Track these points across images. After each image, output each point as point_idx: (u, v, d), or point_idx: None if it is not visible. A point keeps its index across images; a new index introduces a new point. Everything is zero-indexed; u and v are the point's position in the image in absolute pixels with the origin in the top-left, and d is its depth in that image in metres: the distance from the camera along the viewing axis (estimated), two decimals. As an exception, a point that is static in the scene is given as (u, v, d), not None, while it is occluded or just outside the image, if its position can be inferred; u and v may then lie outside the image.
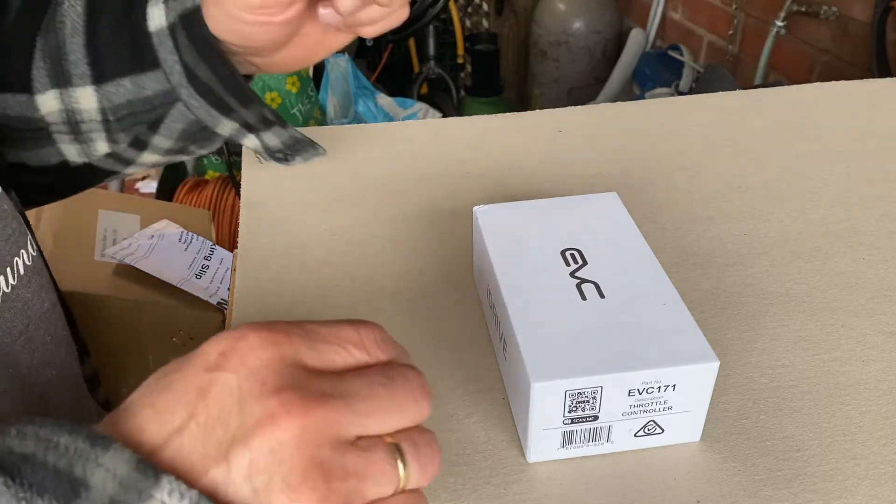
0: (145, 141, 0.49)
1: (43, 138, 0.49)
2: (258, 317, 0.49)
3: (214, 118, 0.47)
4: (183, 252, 1.13)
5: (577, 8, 2.41)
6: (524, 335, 0.38)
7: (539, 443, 0.38)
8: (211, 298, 1.08)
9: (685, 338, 0.38)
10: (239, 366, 0.27)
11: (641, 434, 0.39)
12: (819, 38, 1.71)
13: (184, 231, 1.16)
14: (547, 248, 0.44)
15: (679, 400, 0.38)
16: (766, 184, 0.61)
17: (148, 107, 0.47)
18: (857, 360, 0.46)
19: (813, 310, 0.49)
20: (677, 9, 2.30)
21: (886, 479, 0.39)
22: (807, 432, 0.41)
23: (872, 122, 0.69)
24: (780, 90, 0.76)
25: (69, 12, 0.46)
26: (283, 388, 0.26)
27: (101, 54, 0.46)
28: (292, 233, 0.57)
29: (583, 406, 0.37)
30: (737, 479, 0.39)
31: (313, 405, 0.26)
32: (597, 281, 0.41)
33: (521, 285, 0.42)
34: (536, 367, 0.37)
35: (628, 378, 0.36)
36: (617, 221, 0.46)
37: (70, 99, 0.47)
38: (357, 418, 0.27)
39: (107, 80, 0.46)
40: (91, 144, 0.49)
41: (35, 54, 0.46)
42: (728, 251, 0.54)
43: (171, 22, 0.44)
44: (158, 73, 0.46)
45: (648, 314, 0.39)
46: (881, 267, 0.53)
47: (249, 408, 0.26)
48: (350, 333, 0.29)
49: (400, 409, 0.28)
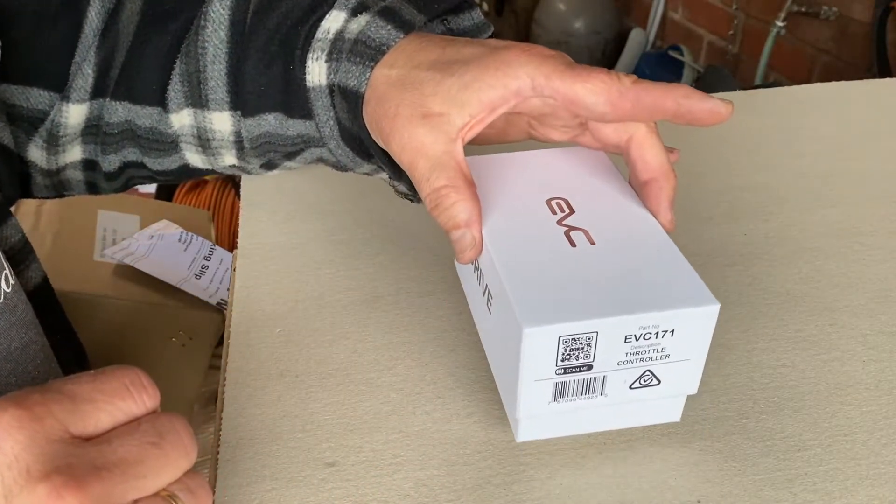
0: (276, 164, 0.49)
1: (170, 149, 0.49)
2: (259, 317, 0.49)
3: (356, 163, 0.46)
4: (182, 252, 1.13)
5: (578, 8, 2.41)
6: (512, 281, 0.35)
7: (529, 396, 0.36)
8: (210, 299, 1.08)
9: (683, 282, 0.36)
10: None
11: (637, 386, 0.37)
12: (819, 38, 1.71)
13: (183, 231, 1.16)
14: (531, 197, 0.41)
15: (677, 347, 0.35)
16: (766, 184, 0.61)
17: (288, 143, 0.46)
18: (858, 360, 0.46)
19: (813, 310, 0.49)
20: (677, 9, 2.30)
21: (887, 480, 0.39)
22: (807, 432, 0.41)
23: (872, 122, 0.69)
24: (780, 90, 0.76)
25: (212, 38, 0.45)
26: (50, 472, 0.25)
27: (245, 88, 0.44)
28: (292, 233, 0.57)
29: (576, 354, 0.34)
30: (737, 479, 0.39)
31: (86, 481, 0.25)
32: (586, 228, 0.39)
33: (506, 233, 0.39)
34: (527, 312, 0.34)
35: (625, 322, 0.34)
36: (604, 173, 0.43)
37: (204, 119, 0.46)
38: (133, 483, 0.27)
39: (248, 114, 0.45)
40: (218, 157, 0.49)
41: (173, 76, 0.46)
42: (728, 251, 0.54)
43: (331, 83, 0.42)
44: (310, 123, 0.44)
45: (643, 260, 0.37)
46: (882, 267, 0.52)
47: (17, 499, 0.25)
48: (112, 385, 0.29)
49: (173, 464, 0.28)
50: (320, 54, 0.42)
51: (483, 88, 0.37)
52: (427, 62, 0.38)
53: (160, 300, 1.05)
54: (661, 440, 0.41)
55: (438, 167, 0.37)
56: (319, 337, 0.48)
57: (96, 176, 0.52)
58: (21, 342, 0.42)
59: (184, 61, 0.46)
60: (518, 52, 0.37)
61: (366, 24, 0.40)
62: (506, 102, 0.37)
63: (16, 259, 0.46)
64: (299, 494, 0.38)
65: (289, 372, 0.45)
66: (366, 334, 0.48)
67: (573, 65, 0.37)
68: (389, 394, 0.44)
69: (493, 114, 0.37)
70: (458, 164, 0.37)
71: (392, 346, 0.47)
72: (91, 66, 0.47)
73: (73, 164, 0.50)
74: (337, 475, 0.39)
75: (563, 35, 2.40)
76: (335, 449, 0.41)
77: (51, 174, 0.50)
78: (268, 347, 0.47)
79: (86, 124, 0.48)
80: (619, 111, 0.37)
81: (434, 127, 0.37)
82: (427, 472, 0.39)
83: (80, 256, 1.08)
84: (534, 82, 0.36)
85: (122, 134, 0.49)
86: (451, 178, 0.37)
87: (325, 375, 0.45)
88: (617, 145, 0.40)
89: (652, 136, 0.39)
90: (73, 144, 0.49)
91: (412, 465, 0.40)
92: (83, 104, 0.47)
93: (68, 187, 0.53)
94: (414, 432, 0.42)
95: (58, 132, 0.48)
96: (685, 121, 0.37)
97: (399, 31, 0.40)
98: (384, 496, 0.38)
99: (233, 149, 0.48)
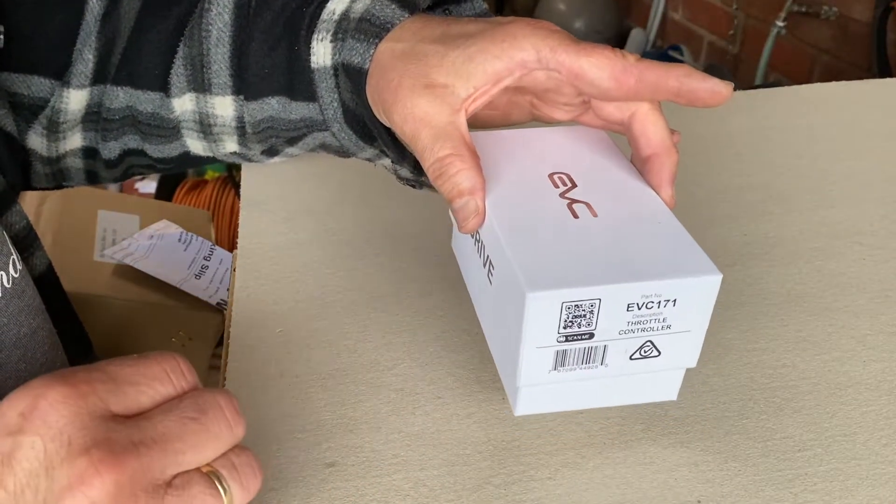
0: (278, 150, 0.49)
1: (172, 135, 0.49)
2: (258, 317, 0.49)
3: (360, 147, 0.46)
4: (182, 252, 1.13)
5: (578, 8, 2.41)
6: (515, 248, 0.35)
7: (530, 364, 0.35)
8: (210, 299, 1.08)
9: (685, 252, 0.36)
10: (41, 427, 0.26)
11: (637, 356, 0.36)
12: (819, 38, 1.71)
13: (183, 231, 1.16)
14: (533, 171, 0.41)
15: (679, 318, 0.35)
16: (766, 184, 0.61)
17: (291, 127, 0.46)
18: (858, 360, 0.46)
19: (813, 310, 0.49)
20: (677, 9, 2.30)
21: (887, 480, 0.39)
22: (808, 432, 0.41)
23: (872, 122, 0.69)
24: (780, 90, 0.76)
25: (216, 21, 0.45)
26: (90, 446, 0.26)
27: (249, 70, 0.44)
28: (292, 233, 0.57)
29: (579, 321, 0.34)
30: (737, 479, 0.39)
31: (124, 457, 0.26)
32: (588, 201, 0.39)
33: (508, 204, 0.39)
34: (531, 277, 0.34)
35: (628, 290, 0.34)
36: (606, 150, 0.44)
37: (206, 104, 0.46)
38: (173, 458, 0.27)
39: (251, 98, 0.45)
40: (220, 144, 0.49)
41: (175, 60, 0.46)
42: (728, 251, 0.54)
43: (336, 63, 0.42)
44: (313, 106, 0.44)
45: (645, 231, 0.37)
46: (882, 267, 0.52)
47: (58, 471, 0.25)
48: (154, 370, 0.29)
49: (214, 439, 0.28)
50: (325, 35, 0.42)
51: (488, 59, 0.37)
52: (432, 37, 0.39)
53: (160, 300, 1.04)
54: (661, 440, 0.41)
55: (442, 136, 0.37)
56: (319, 337, 0.48)
57: (96, 164, 0.52)
58: (30, 328, 0.42)
59: (187, 44, 0.46)
60: (523, 24, 0.37)
61: (371, 3, 0.41)
62: (511, 74, 0.37)
63: (21, 246, 0.46)
64: (299, 494, 0.38)
65: (289, 372, 0.45)
66: (366, 334, 0.48)
67: (578, 40, 0.37)
68: (389, 394, 0.44)
69: (498, 85, 0.38)
70: (462, 135, 0.37)
71: (392, 346, 0.47)
72: (92, 51, 0.46)
73: (73, 151, 0.50)
74: (337, 475, 0.39)
75: (563, 35, 2.40)
76: (335, 449, 0.41)
77: (50, 162, 0.50)
78: (268, 348, 0.47)
79: (86, 111, 0.48)
80: (622, 87, 0.37)
81: (438, 97, 0.37)
82: (427, 472, 0.39)
83: (80, 256, 1.08)
84: (539, 54, 0.37)
85: (123, 120, 0.49)
86: (455, 147, 0.37)
87: (325, 376, 0.45)
88: (620, 122, 0.40)
89: (655, 112, 0.39)
90: (74, 131, 0.49)
91: (412, 465, 0.40)
92: (84, 90, 0.47)
93: (68, 176, 0.53)
94: (414, 432, 0.42)
95: (58, 118, 0.48)
96: (686, 100, 0.37)
97: (404, 10, 0.40)
98: (384, 496, 0.38)
99: (234, 134, 0.48)
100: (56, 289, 0.50)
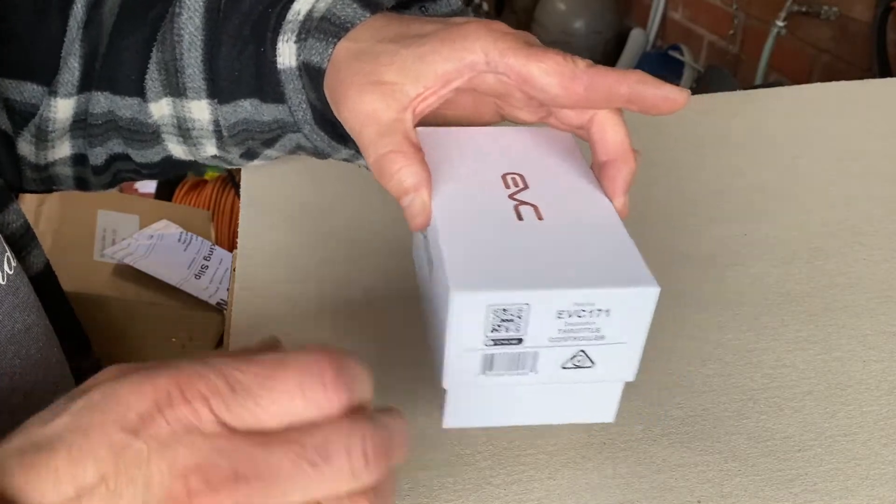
0: (256, 153, 0.49)
1: (152, 140, 0.48)
2: (258, 317, 0.49)
3: (334, 148, 0.46)
4: (182, 252, 1.13)
5: (578, 8, 2.41)
6: (449, 246, 0.34)
7: (457, 367, 0.34)
8: (210, 299, 1.08)
9: (624, 262, 0.34)
10: (151, 439, 0.25)
11: (570, 366, 0.35)
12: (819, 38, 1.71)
13: (183, 231, 1.16)
14: (487, 170, 0.40)
15: (613, 329, 0.34)
16: (766, 184, 0.61)
17: (265, 129, 0.46)
18: (858, 360, 0.46)
19: (813, 310, 0.49)
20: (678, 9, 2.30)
21: (887, 480, 0.39)
22: (808, 433, 0.41)
23: (872, 122, 0.69)
24: (780, 90, 0.76)
25: (187, 25, 0.45)
26: (190, 472, 0.24)
27: (220, 74, 0.44)
28: (292, 233, 0.57)
29: (507, 326, 0.33)
30: (737, 480, 0.39)
31: (219, 494, 0.24)
32: (536, 204, 0.38)
33: (454, 201, 0.38)
34: (458, 276, 0.32)
35: (559, 296, 0.32)
36: (567, 154, 0.42)
37: (183, 108, 0.46)
38: (273, 500, 0.25)
39: (225, 101, 0.45)
40: (200, 148, 0.48)
41: (150, 65, 0.46)
42: (728, 251, 0.54)
43: (300, 63, 0.42)
44: (283, 108, 0.44)
45: (588, 239, 0.36)
46: (882, 267, 0.52)
47: (154, 489, 0.24)
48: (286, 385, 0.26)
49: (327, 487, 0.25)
50: (290, 36, 0.42)
51: (438, 61, 0.36)
52: (388, 36, 0.38)
53: (160, 300, 1.05)
54: (662, 440, 0.41)
55: (386, 133, 0.37)
56: (319, 337, 0.48)
57: (85, 171, 0.52)
58: (24, 324, 0.42)
59: (160, 49, 0.46)
60: (476, 26, 0.37)
61: (332, 2, 0.41)
62: (460, 75, 0.37)
63: (18, 245, 0.46)
64: (299, 494, 0.38)
65: (289, 372, 0.45)
66: (365, 334, 0.48)
67: (531, 44, 0.37)
68: (389, 394, 0.44)
69: (448, 87, 0.37)
70: (406, 132, 0.37)
71: (392, 346, 0.47)
72: (76, 59, 0.46)
73: (62, 160, 0.50)
74: (337, 475, 0.39)
75: (563, 35, 2.40)
76: (335, 449, 0.41)
77: (39, 169, 0.50)
78: (268, 347, 0.47)
79: (74, 119, 0.48)
80: (571, 94, 0.36)
81: (385, 94, 0.37)
82: (427, 472, 0.39)
83: (80, 256, 1.08)
84: (487, 57, 0.36)
85: (107, 125, 0.49)
86: (397, 144, 0.36)
87: (325, 375, 0.45)
88: (580, 126, 0.40)
89: (614, 116, 0.38)
90: (62, 140, 0.49)
91: (412, 464, 0.40)
92: (70, 98, 0.47)
93: (57, 182, 0.53)
94: (414, 432, 0.42)
95: (46, 127, 0.48)
96: (639, 107, 0.37)
97: (365, 10, 0.40)
98: (384, 496, 0.38)
99: (213, 138, 0.48)
100: (53, 287, 0.50)
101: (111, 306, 1.00)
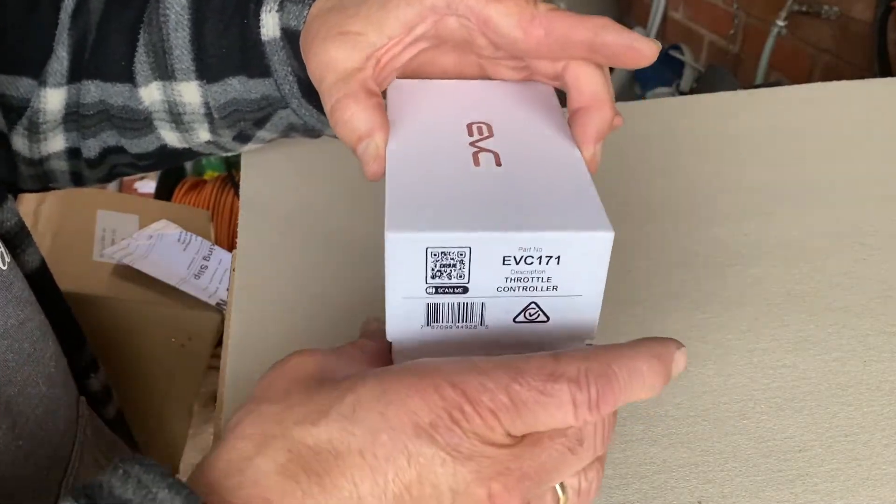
0: (249, 135, 0.49)
1: (145, 127, 0.48)
2: (257, 317, 0.49)
3: (323, 123, 0.46)
4: (182, 252, 1.13)
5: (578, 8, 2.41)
6: (394, 189, 0.32)
7: (399, 315, 0.32)
8: (210, 299, 1.08)
9: (581, 207, 0.32)
10: (452, 448, 0.26)
11: (522, 320, 0.33)
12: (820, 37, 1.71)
13: (182, 231, 1.16)
14: (453, 119, 0.38)
15: (566, 279, 0.31)
16: (766, 184, 0.61)
17: (254, 108, 0.46)
18: (859, 360, 0.45)
19: (814, 310, 0.49)
20: (678, 8, 2.30)
21: (888, 480, 0.39)
22: (808, 433, 0.41)
23: (872, 122, 0.69)
24: (781, 90, 0.76)
25: (173, 5, 0.45)
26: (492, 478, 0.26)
27: (208, 52, 0.45)
28: (292, 233, 0.57)
29: (448, 271, 0.31)
30: (738, 480, 0.39)
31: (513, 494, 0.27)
32: (497, 151, 0.36)
33: (410, 147, 0.36)
34: (396, 217, 0.30)
35: (501, 239, 0.30)
36: (545, 107, 0.40)
37: (173, 92, 0.46)
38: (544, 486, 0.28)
39: (213, 80, 0.45)
40: (192, 133, 0.49)
41: (138, 48, 0.46)
42: (728, 251, 0.54)
43: (282, 30, 0.42)
44: (269, 82, 0.44)
45: (546, 184, 0.33)
46: (882, 267, 0.52)
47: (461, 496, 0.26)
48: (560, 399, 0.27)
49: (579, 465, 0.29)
50: (273, 5, 0.42)
51: (400, 6, 0.36)
52: None
53: (159, 300, 1.04)
54: (662, 440, 0.41)
55: (342, 81, 0.36)
56: (319, 337, 0.48)
57: (80, 164, 0.52)
58: (18, 319, 0.42)
59: (147, 31, 0.45)
60: None
61: None
62: (422, 19, 0.36)
63: (12, 243, 0.46)
64: (298, 495, 0.38)
65: (288, 372, 0.45)
66: (365, 334, 0.48)
67: None
68: (389, 394, 0.44)
69: (412, 34, 0.37)
70: (364, 81, 0.37)
71: (392, 346, 0.47)
72: (65, 48, 0.46)
73: (56, 154, 0.50)
74: (336, 476, 0.39)
75: (563, 35, 2.40)
76: (334, 449, 0.41)
77: (34, 164, 0.50)
78: (267, 348, 0.47)
79: (66, 111, 0.48)
80: (530, 37, 0.35)
81: (348, 43, 0.37)
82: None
83: (79, 256, 1.08)
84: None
85: (99, 115, 0.49)
86: (350, 90, 0.36)
87: (325, 376, 0.45)
88: (555, 77, 0.38)
89: (590, 64, 0.37)
90: (55, 132, 0.49)
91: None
92: (60, 88, 0.47)
93: (53, 178, 0.53)
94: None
95: (37, 119, 0.48)
96: (603, 56, 0.35)
97: None
98: (384, 497, 0.38)
99: (205, 122, 0.47)
100: (49, 284, 0.50)
101: (110, 306, 1.00)
